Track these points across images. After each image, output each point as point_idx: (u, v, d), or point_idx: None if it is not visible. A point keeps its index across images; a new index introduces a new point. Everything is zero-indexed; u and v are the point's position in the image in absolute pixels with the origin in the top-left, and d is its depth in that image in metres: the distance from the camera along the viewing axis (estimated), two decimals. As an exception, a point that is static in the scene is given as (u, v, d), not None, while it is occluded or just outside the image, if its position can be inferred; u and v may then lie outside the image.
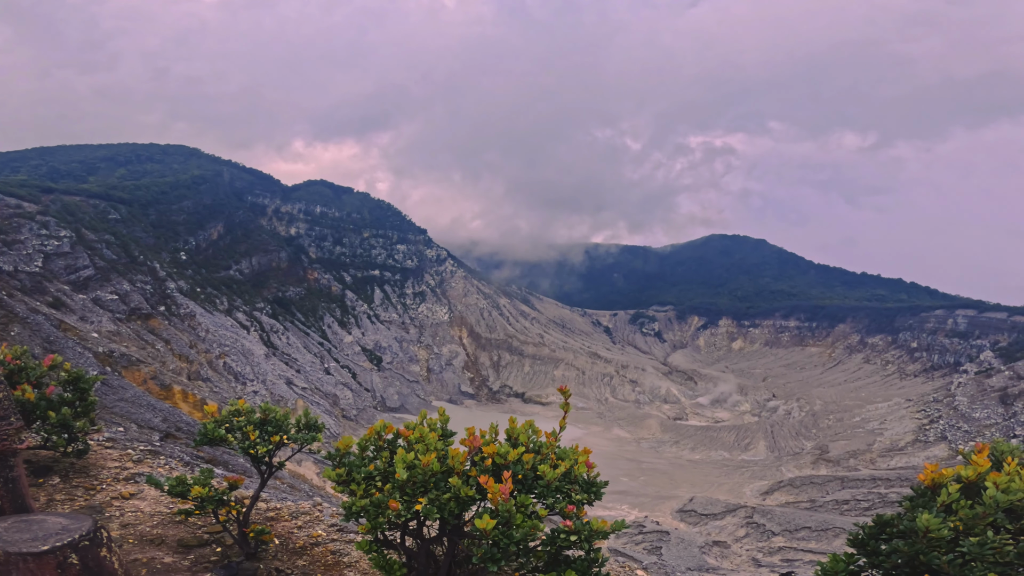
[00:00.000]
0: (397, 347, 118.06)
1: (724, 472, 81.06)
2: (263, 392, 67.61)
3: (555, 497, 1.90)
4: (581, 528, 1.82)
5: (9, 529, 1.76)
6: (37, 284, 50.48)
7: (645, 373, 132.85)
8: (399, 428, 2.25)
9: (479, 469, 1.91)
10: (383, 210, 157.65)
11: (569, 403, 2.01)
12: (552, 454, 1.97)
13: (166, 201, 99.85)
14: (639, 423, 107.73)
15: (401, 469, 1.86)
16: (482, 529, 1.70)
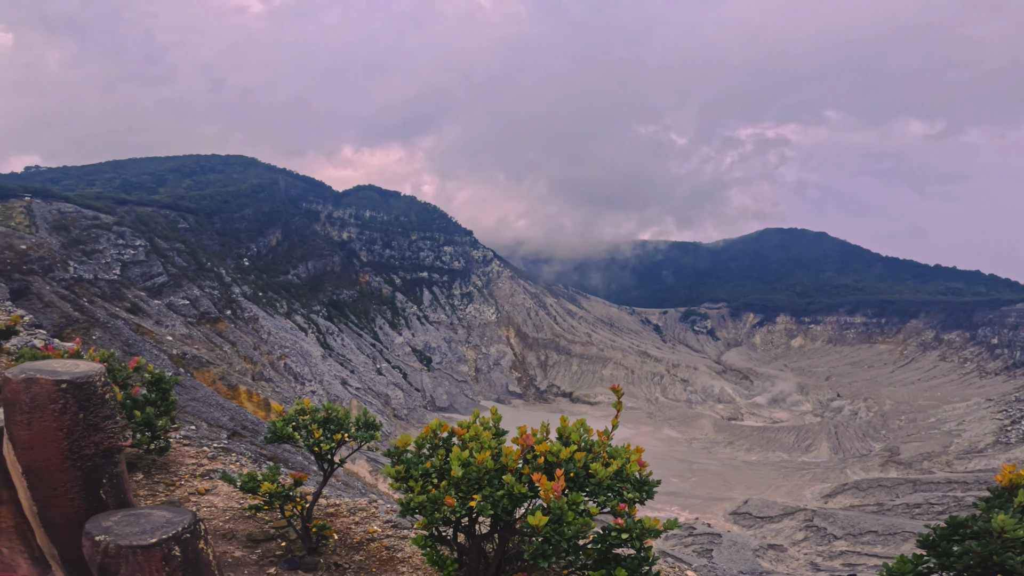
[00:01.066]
0: (446, 347, 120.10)
1: (782, 474, 77.66)
2: (320, 392, 70.39)
3: (606, 495, 1.90)
4: (633, 526, 1.82)
5: (120, 523, 1.81)
6: (116, 291, 54.61)
7: (697, 372, 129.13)
8: (453, 427, 2.32)
9: (531, 467, 1.95)
10: (429, 213, 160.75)
11: (621, 402, 2.00)
12: (604, 452, 1.97)
13: (229, 210, 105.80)
14: (691, 423, 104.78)
15: (456, 466, 1.93)
16: (534, 525, 1.73)
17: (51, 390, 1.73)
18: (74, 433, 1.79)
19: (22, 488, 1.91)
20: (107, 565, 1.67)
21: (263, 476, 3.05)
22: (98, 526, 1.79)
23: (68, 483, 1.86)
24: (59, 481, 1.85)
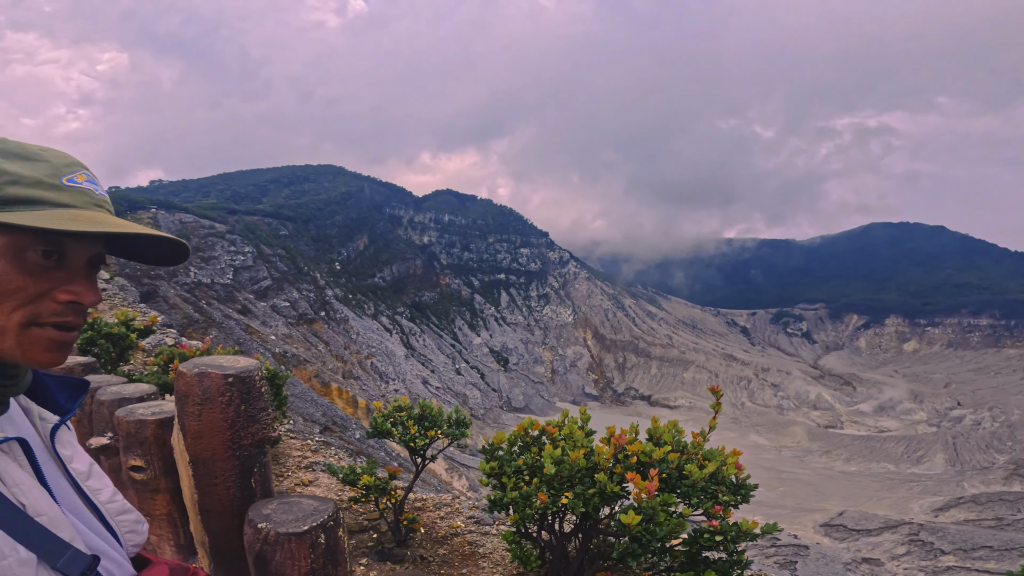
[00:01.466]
0: (523, 348, 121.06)
1: (886, 486, 70.80)
2: (403, 390, 73.55)
3: (700, 497, 1.91)
4: (728, 529, 1.80)
5: (276, 511, 1.86)
6: (229, 294, 60.48)
7: (790, 377, 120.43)
8: (544, 426, 2.41)
9: (623, 466, 2.00)
10: (506, 215, 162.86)
11: (720, 403, 2.00)
12: (699, 454, 1.98)
13: (321, 217, 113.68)
14: (781, 430, 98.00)
15: (549, 464, 2.01)
16: (626, 524, 1.78)
17: (220, 384, 1.82)
18: (236, 424, 1.91)
19: (187, 476, 2.07)
20: (264, 552, 1.77)
21: (362, 469, 3.26)
22: (259, 513, 1.84)
23: (227, 472, 2.00)
24: (220, 470, 1.99)
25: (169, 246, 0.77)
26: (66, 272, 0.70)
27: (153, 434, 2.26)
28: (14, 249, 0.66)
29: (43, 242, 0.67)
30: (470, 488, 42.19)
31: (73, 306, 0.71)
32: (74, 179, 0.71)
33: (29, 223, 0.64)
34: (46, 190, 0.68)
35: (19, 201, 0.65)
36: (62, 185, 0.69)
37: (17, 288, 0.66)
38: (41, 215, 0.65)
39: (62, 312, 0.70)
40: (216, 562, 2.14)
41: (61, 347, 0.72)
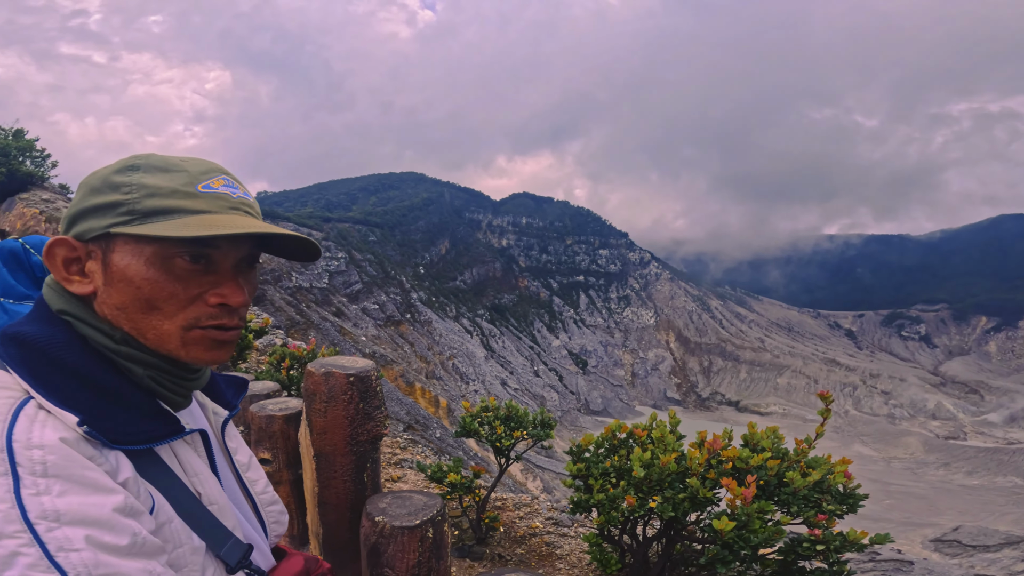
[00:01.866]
0: (602, 351, 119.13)
1: (1013, 501, 62.20)
2: (482, 391, 75.01)
3: (801, 505, 1.85)
4: (831, 538, 1.72)
5: (391, 505, 1.92)
6: (325, 297, 65.06)
7: (904, 384, 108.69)
8: (632, 428, 2.43)
9: (717, 472, 1.98)
10: (583, 216, 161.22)
11: (830, 409, 1.91)
12: (802, 462, 1.90)
13: (406, 223, 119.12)
14: (892, 440, 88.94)
15: (638, 467, 2.03)
16: (718, 530, 1.77)
17: (343, 382, 1.97)
18: (355, 421, 2.04)
19: (310, 470, 2.19)
20: (379, 544, 1.85)
21: (448, 467, 3.36)
22: (376, 507, 1.92)
23: (345, 466, 2.11)
24: (339, 464, 2.11)
25: (303, 244, 0.79)
26: (215, 275, 0.74)
27: (280, 429, 2.48)
28: (161, 258, 0.70)
29: (189, 248, 0.71)
30: (543, 489, 42.16)
31: (224, 308, 0.74)
32: (210, 185, 0.74)
33: (157, 232, 0.67)
34: (182, 199, 0.71)
35: (157, 212, 0.70)
36: (197, 192, 0.73)
37: (171, 294, 0.71)
38: (172, 224, 0.69)
39: (216, 315, 0.74)
40: (326, 553, 2.24)
41: (221, 346, 0.76)
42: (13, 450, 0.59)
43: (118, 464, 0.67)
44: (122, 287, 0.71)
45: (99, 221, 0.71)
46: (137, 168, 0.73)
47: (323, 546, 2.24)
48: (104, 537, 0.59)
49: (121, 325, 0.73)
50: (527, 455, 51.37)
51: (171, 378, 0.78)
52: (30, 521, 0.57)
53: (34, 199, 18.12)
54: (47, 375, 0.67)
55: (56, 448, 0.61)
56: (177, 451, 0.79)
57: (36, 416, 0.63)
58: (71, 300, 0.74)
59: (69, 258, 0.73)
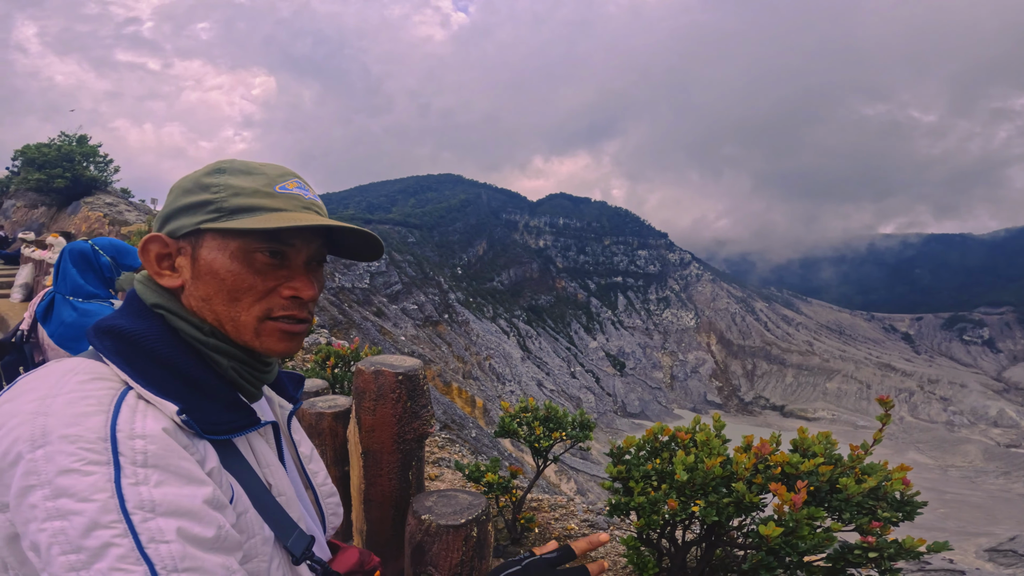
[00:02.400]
0: (640, 353, 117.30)
1: None
2: (518, 392, 75.14)
3: (854, 512, 1.79)
4: (885, 546, 1.65)
5: (437, 503, 1.93)
6: (366, 297, 66.69)
7: (965, 390, 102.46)
8: (675, 431, 2.40)
9: (765, 477, 1.94)
10: (621, 217, 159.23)
11: (889, 414, 1.83)
12: (856, 468, 1.82)
13: (444, 224, 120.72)
14: (949, 448, 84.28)
15: (681, 471, 2.01)
16: (764, 536, 1.74)
17: (392, 381, 2.00)
18: (402, 419, 2.06)
19: (357, 467, 2.22)
20: (424, 542, 1.85)
21: (486, 467, 3.36)
22: (422, 505, 1.93)
23: (391, 464, 2.13)
24: (386, 462, 2.13)
25: (367, 242, 0.85)
26: (288, 270, 0.80)
27: (329, 426, 2.51)
28: (244, 252, 0.77)
29: (268, 244, 0.77)
30: (577, 492, 41.79)
31: (296, 300, 0.80)
32: (285, 186, 0.81)
33: (246, 226, 0.74)
34: (262, 198, 0.78)
35: (242, 210, 0.77)
36: (275, 192, 0.80)
37: (250, 286, 0.77)
38: (255, 219, 0.76)
39: (288, 306, 0.80)
40: (368, 549, 2.26)
41: (292, 337, 0.81)
42: (116, 439, 0.61)
43: (206, 454, 0.70)
44: (208, 279, 0.77)
45: (190, 219, 0.77)
46: (223, 171, 0.80)
47: (366, 543, 2.26)
48: (193, 529, 0.61)
49: (205, 316, 0.78)
50: (562, 457, 51.05)
51: (249, 370, 0.83)
52: (127, 511, 0.58)
53: (98, 203, 19.31)
54: (144, 366, 0.71)
55: (158, 438, 0.63)
56: (252, 442, 0.82)
57: (137, 406, 0.65)
58: (163, 294, 0.79)
59: (161, 254, 0.79)
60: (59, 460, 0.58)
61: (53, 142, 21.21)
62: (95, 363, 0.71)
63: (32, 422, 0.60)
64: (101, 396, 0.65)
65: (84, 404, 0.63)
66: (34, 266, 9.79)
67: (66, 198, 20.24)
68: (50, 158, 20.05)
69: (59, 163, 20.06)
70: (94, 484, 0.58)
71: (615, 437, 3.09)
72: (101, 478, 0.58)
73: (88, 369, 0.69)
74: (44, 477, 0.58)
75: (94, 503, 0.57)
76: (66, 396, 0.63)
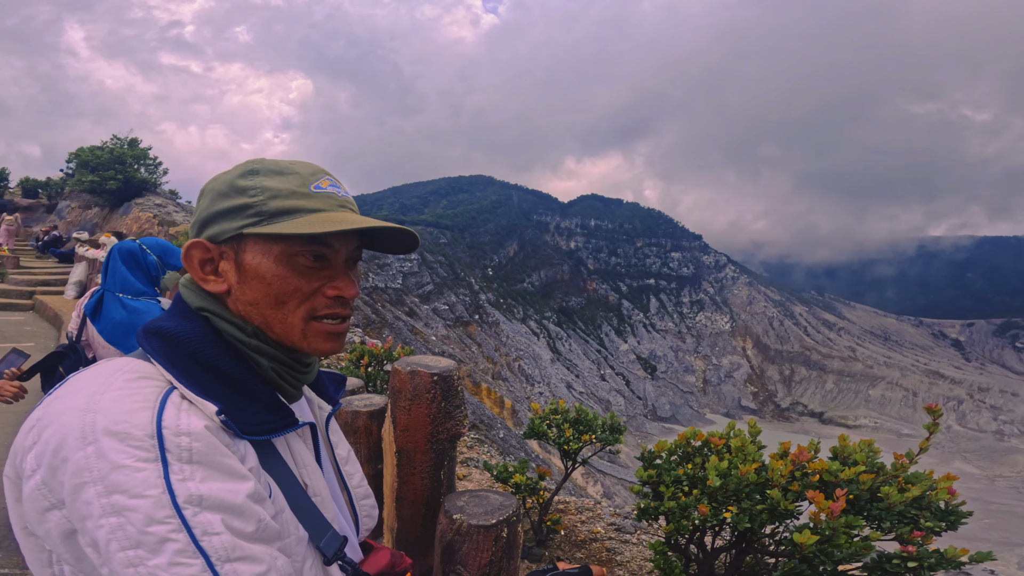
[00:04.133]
0: (672, 356, 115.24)
1: None
2: (547, 394, 74.85)
3: (894, 521, 1.74)
4: (925, 555, 1.59)
5: (468, 503, 1.94)
6: (398, 297, 67.69)
7: (1017, 399, 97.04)
8: (708, 437, 2.37)
9: (802, 484, 1.90)
10: (654, 218, 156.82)
11: (937, 423, 1.78)
12: (900, 477, 1.77)
13: (475, 225, 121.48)
14: (998, 458, 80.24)
15: (714, 476, 2.00)
16: (799, 543, 1.71)
17: (427, 381, 2.03)
18: (436, 419, 2.08)
19: (391, 466, 2.25)
20: (455, 542, 1.87)
21: (514, 468, 3.36)
22: (454, 505, 1.94)
23: (424, 464, 2.14)
24: (419, 461, 2.15)
25: (403, 236, 0.85)
26: (330, 270, 0.81)
27: (364, 424, 2.56)
28: (287, 255, 0.77)
29: (310, 247, 0.78)
30: (604, 495, 41.38)
31: (339, 299, 0.81)
32: (319, 185, 0.81)
33: (292, 231, 0.74)
34: (300, 199, 0.78)
35: (281, 212, 0.77)
36: (311, 192, 0.80)
37: (295, 288, 0.78)
38: (300, 222, 0.76)
39: (331, 305, 0.81)
40: (398, 547, 2.27)
41: (337, 336, 0.83)
42: (163, 436, 0.62)
43: (246, 453, 0.72)
44: (255, 284, 0.78)
45: (230, 223, 0.78)
46: (256, 172, 0.80)
47: (396, 540, 2.28)
48: (235, 522, 0.63)
49: (252, 320, 0.80)
50: (590, 460, 50.40)
51: (290, 371, 0.84)
52: (179, 506, 0.60)
53: (148, 204, 20.17)
54: (188, 367, 0.72)
55: (201, 435, 0.65)
56: (290, 443, 0.83)
57: (181, 404, 0.67)
58: (207, 298, 0.81)
59: (204, 259, 0.80)
60: (111, 456, 0.60)
61: (106, 145, 22.12)
62: (142, 363, 0.73)
63: (82, 419, 0.62)
64: (147, 394, 0.66)
65: (131, 401, 0.65)
66: (87, 264, 10.36)
67: (118, 199, 21.08)
68: (103, 161, 20.90)
69: (111, 165, 20.88)
70: (146, 480, 0.60)
71: (645, 441, 3.05)
72: (152, 474, 0.60)
73: (135, 368, 0.71)
74: (96, 473, 0.59)
75: (148, 499, 0.59)
76: (114, 393, 0.65)
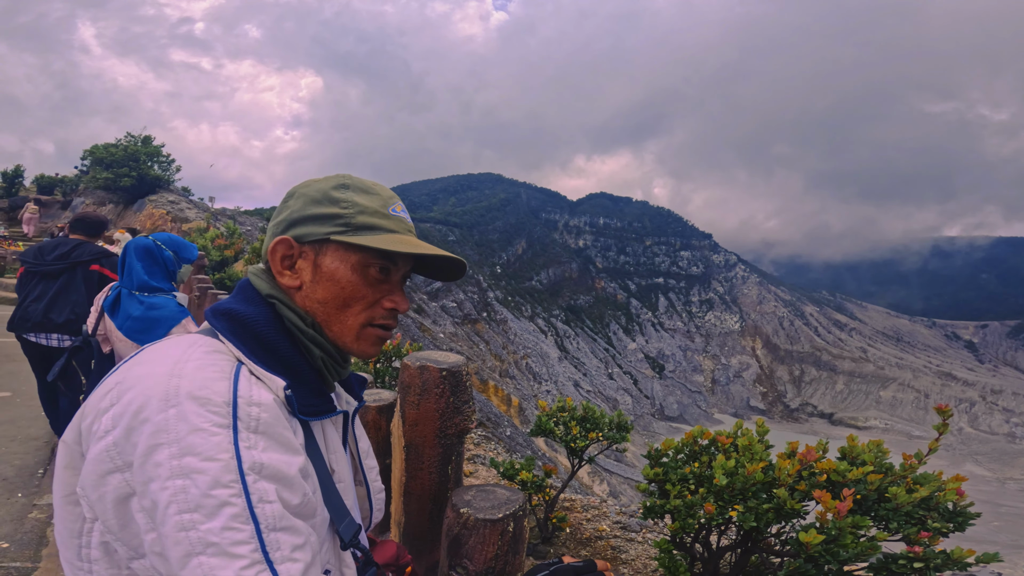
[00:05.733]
0: (680, 356, 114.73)
1: None
2: (554, 392, 74.82)
3: (901, 522, 1.73)
4: (931, 556, 1.58)
5: (476, 497, 1.96)
6: (408, 294, 68.03)
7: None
8: (715, 435, 2.37)
9: (809, 484, 1.90)
10: (663, 217, 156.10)
11: (947, 423, 1.77)
12: (908, 477, 1.76)
13: (483, 223, 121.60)
14: (1010, 461, 79.37)
15: (720, 475, 1.99)
16: (804, 543, 1.71)
17: (436, 376, 2.06)
18: (445, 414, 2.10)
19: (399, 460, 2.26)
20: (461, 535, 1.88)
21: (520, 465, 3.36)
22: (462, 499, 1.95)
23: (432, 458, 2.16)
24: (427, 456, 2.17)
25: (455, 266, 0.92)
26: (389, 285, 0.88)
27: (373, 419, 2.59)
28: (362, 265, 0.84)
29: (382, 261, 0.85)
30: (610, 493, 41.35)
31: (393, 312, 0.89)
32: (395, 208, 0.89)
33: (376, 245, 0.82)
34: (382, 218, 0.86)
35: (366, 227, 0.84)
36: (390, 214, 0.87)
37: (362, 296, 0.85)
38: (381, 239, 0.84)
39: (386, 316, 0.88)
40: (404, 541, 2.27)
41: (382, 342, 0.90)
42: (237, 405, 0.66)
43: (296, 430, 0.76)
44: (328, 285, 0.84)
45: (319, 228, 0.84)
46: (348, 187, 0.87)
47: (403, 534, 2.30)
48: (285, 493, 0.67)
49: (316, 316, 0.85)
50: (596, 458, 50.34)
51: (334, 364, 0.89)
52: (244, 472, 0.63)
53: (161, 200, 20.36)
54: (253, 346, 0.78)
55: (270, 407, 0.69)
56: (324, 429, 0.88)
57: (251, 378, 0.72)
58: (276, 288, 0.86)
59: (286, 255, 0.86)
60: (192, 419, 0.63)
61: (120, 142, 22.36)
62: (213, 339, 0.78)
63: (167, 383, 0.65)
64: (223, 366, 0.71)
65: (212, 371, 0.69)
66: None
67: (132, 196, 21.30)
68: (117, 158, 21.14)
69: (125, 163, 21.11)
70: (219, 444, 0.63)
71: (652, 440, 3.08)
72: (225, 439, 0.63)
73: (209, 343, 0.76)
74: (173, 435, 0.62)
75: (218, 463, 0.62)
76: (196, 362, 0.69)
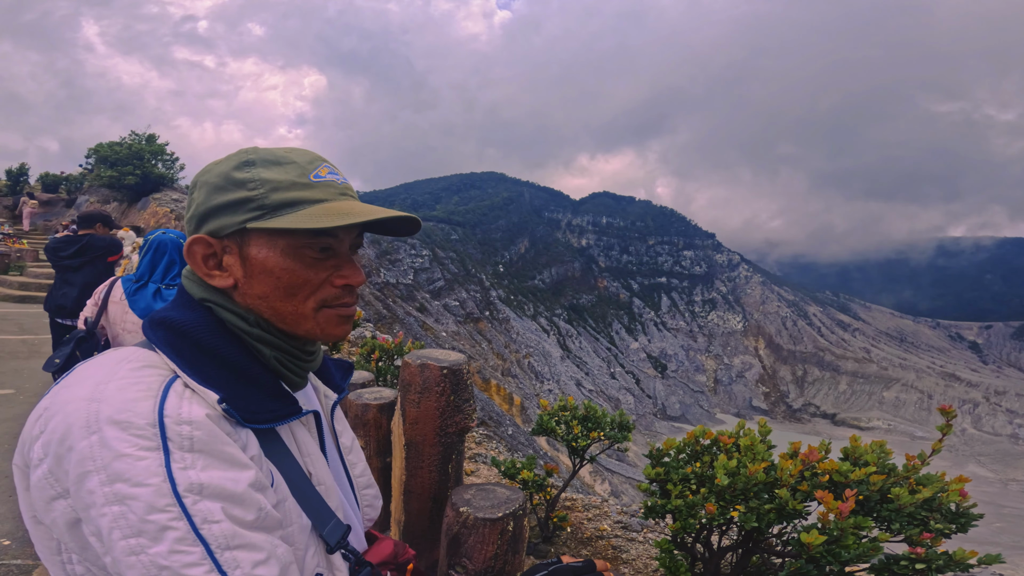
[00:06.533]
0: (683, 355, 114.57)
1: None
2: (556, 391, 74.80)
3: (904, 523, 1.72)
4: (934, 557, 1.57)
5: (475, 496, 1.95)
6: (409, 293, 68.01)
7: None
8: (717, 435, 2.36)
9: (811, 484, 1.89)
10: (666, 216, 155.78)
11: (950, 424, 1.76)
12: (911, 478, 1.75)
13: (486, 222, 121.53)
14: (1012, 462, 79.19)
15: (722, 475, 1.99)
16: (805, 543, 1.70)
17: (437, 374, 2.05)
18: (445, 413, 2.09)
19: (399, 458, 2.26)
20: (461, 534, 1.88)
21: (522, 464, 3.35)
22: (461, 498, 1.95)
23: (432, 457, 2.15)
24: (427, 455, 2.16)
25: (406, 222, 0.84)
26: (336, 259, 0.80)
27: (373, 417, 2.60)
28: (294, 248, 0.77)
29: (317, 240, 0.77)
30: (611, 493, 41.33)
31: (347, 288, 0.82)
32: (318, 174, 0.79)
33: (299, 225, 0.73)
34: (301, 190, 0.77)
35: (284, 205, 0.75)
36: (311, 182, 0.78)
37: (304, 281, 0.78)
38: (306, 214, 0.75)
39: (340, 295, 0.81)
40: (404, 540, 2.26)
41: (347, 320, 0.83)
42: (164, 425, 0.62)
43: (247, 441, 0.71)
44: (263, 278, 0.77)
45: (231, 218, 0.76)
46: (253, 163, 0.77)
47: (403, 533, 2.29)
48: (235, 510, 0.63)
49: (261, 312, 0.79)
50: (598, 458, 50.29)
51: (293, 360, 0.83)
52: (179, 495, 0.60)
53: (165, 199, 20.40)
54: (191, 356, 0.72)
55: (202, 424, 0.65)
56: (294, 431, 0.83)
57: (183, 393, 0.67)
58: (211, 289, 0.80)
59: (207, 254, 0.78)
60: (113, 446, 0.60)
61: (124, 141, 22.41)
62: (147, 352, 0.73)
63: (87, 408, 0.62)
64: (150, 383, 0.66)
65: (135, 390, 0.64)
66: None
67: (136, 194, 21.37)
68: (121, 156, 21.19)
69: (130, 161, 21.16)
70: (147, 468, 0.59)
71: (654, 440, 3.05)
72: (154, 463, 0.60)
73: (140, 357, 0.71)
74: (100, 462, 0.59)
75: (148, 487, 0.59)
76: (118, 382, 0.65)
